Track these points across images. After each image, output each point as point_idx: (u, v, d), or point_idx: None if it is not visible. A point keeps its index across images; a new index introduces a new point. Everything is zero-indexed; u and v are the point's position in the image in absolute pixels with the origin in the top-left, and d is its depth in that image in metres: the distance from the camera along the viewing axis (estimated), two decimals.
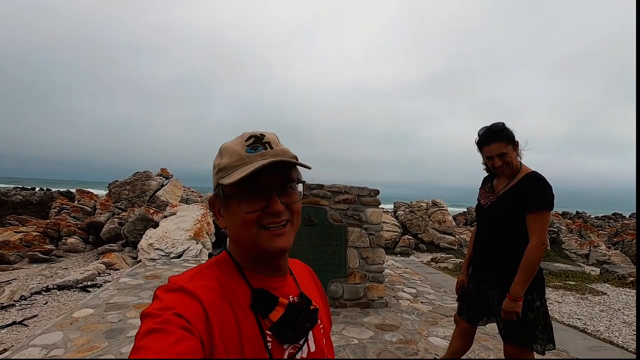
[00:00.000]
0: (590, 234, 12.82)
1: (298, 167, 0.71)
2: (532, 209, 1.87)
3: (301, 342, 0.69)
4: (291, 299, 0.71)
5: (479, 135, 2.02)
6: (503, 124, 1.95)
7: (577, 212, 19.61)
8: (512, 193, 1.96)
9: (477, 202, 2.23)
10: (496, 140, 1.93)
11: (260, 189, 0.66)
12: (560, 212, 17.74)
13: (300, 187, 0.71)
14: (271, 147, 0.68)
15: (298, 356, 0.68)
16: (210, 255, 7.58)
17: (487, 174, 2.25)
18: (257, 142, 0.68)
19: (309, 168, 0.70)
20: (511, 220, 1.95)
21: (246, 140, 0.68)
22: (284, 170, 0.68)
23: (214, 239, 8.28)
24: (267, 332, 0.65)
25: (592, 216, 19.12)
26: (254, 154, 0.66)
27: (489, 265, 2.07)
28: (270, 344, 0.65)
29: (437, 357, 2.95)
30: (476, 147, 2.06)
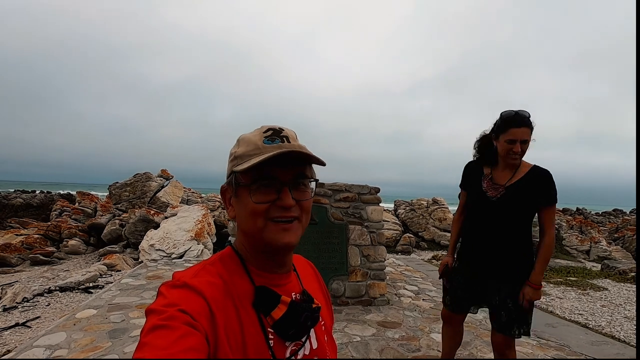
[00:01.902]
0: (591, 230, 12.83)
1: (312, 166, 0.72)
2: (549, 203, 1.91)
3: (303, 340, 0.70)
4: (294, 297, 0.71)
5: (504, 116, 1.93)
6: (529, 113, 1.91)
7: (578, 209, 19.61)
8: (523, 186, 1.94)
9: (472, 190, 2.15)
10: (526, 126, 1.88)
11: (273, 181, 0.65)
12: (561, 209, 17.73)
13: (313, 185, 0.71)
14: (288, 141, 0.68)
15: (300, 353, 0.69)
16: (215, 250, 7.58)
17: (471, 160, 2.22)
18: (275, 134, 0.68)
19: (324, 164, 0.70)
20: (519, 213, 1.95)
21: (264, 132, 0.68)
22: (299, 166, 0.68)
23: (215, 239, 8.29)
24: (269, 329, 0.65)
25: (592, 212, 19.12)
26: (271, 145, 0.66)
27: (492, 256, 2.03)
28: (272, 341, 0.65)
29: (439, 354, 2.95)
30: (498, 125, 1.97)
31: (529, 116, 1.90)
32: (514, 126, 1.88)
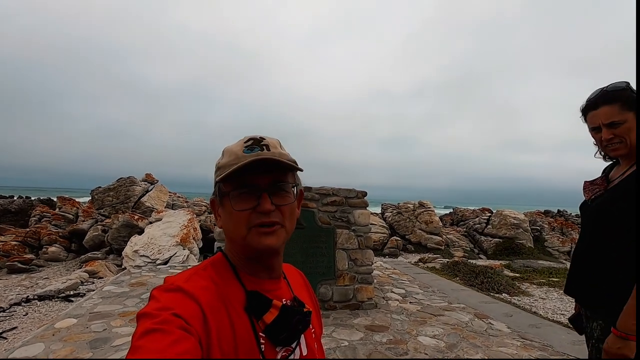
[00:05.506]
0: (572, 232, 13.19)
1: (298, 174, 0.73)
2: None
3: (294, 345, 0.70)
4: (284, 302, 0.72)
5: (587, 100, 1.42)
6: (627, 83, 1.34)
7: (559, 211, 20.16)
8: (629, 182, 1.32)
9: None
10: (607, 103, 1.33)
11: (252, 188, 0.67)
12: (543, 211, 18.19)
13: (295, 190, 0.72)
14: (268, 149, 0.69)
15: (291, 358, 0.69)
16: (205, 256, 7.51)
17: (607, 164, 1.53)
18: (256, 143, 0.69)
19: (301, 170, 0.72)
20: (623, 222, 1.29)
21: (245, 142, 0.70)
22: (278, 172, 0.69)
23: (201, 244, 8.18)
24: (260, 334, 0.66)
25: (572, 214, 19.69)
26: (250, 154, 0.67)
27: (590, 286, 1.42)
28: (263, 346, 0.65)
29: (427, 356, 2.97)
30: (581, 117, 1.46)
31: (622, 88, 1.32)
32: (590, 109, 1.39)
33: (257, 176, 0.67)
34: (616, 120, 1.31)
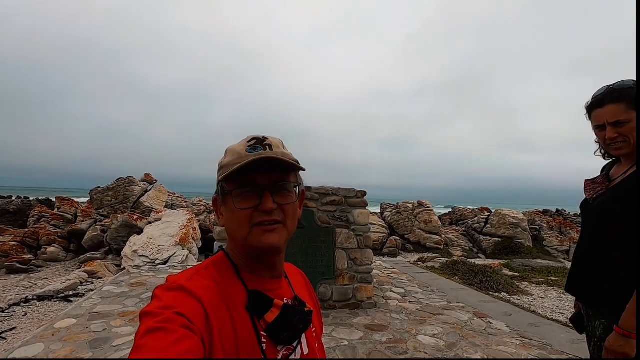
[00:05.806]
0: (570, 231, 13.21)
1: (298, 172, 0.74)
2: None
3: (295, 345, 0.70)
4: (286, 301, 0.72)
5: (593, 97, 1.40)
6: (634, 81, 1.30)
7: (557, 210, 20.18)
8: (631, 182, 1.31)
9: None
10: (614, 101, 1.31)
11: (255, 187, 0.67)
12: (541, 210, 18.23)
13: (297, 190, 0.73)
14: (271, 149, 0.69)
15: (292, 358, 0.69)
16: (207, 255, 7.53)
17: (606, 162, 1.54)
18: (258, 143, 0.70)
19: (303, 169, 0.72)
20: (625, 221, 1.30)
21: (248, 142, 0.70)
22: (280, 171, 0.69)
23: (200, 244, 8.17)
24: (262, 333, 0.66)
25: (571, 213, 19.72)
26: (253, 153, 0.68)
27: (592, 285, 1.43)
28: (264, 345, 0.65)
29: (427, 355, 2.97)
30: (585, 114, 1.44)
31: (629, 86, 1.30)
32: (596, 107, 1.37)
33: (259, 175, 0.67)
34: (622, 119, 1.30)
